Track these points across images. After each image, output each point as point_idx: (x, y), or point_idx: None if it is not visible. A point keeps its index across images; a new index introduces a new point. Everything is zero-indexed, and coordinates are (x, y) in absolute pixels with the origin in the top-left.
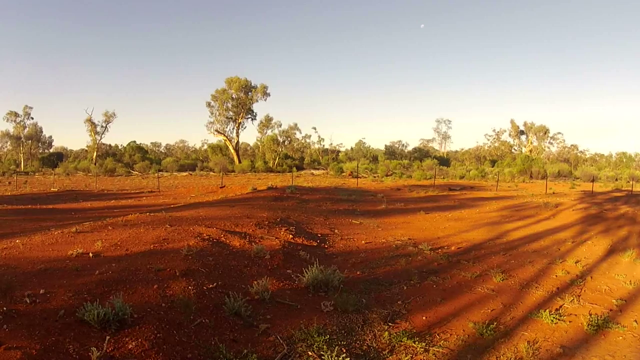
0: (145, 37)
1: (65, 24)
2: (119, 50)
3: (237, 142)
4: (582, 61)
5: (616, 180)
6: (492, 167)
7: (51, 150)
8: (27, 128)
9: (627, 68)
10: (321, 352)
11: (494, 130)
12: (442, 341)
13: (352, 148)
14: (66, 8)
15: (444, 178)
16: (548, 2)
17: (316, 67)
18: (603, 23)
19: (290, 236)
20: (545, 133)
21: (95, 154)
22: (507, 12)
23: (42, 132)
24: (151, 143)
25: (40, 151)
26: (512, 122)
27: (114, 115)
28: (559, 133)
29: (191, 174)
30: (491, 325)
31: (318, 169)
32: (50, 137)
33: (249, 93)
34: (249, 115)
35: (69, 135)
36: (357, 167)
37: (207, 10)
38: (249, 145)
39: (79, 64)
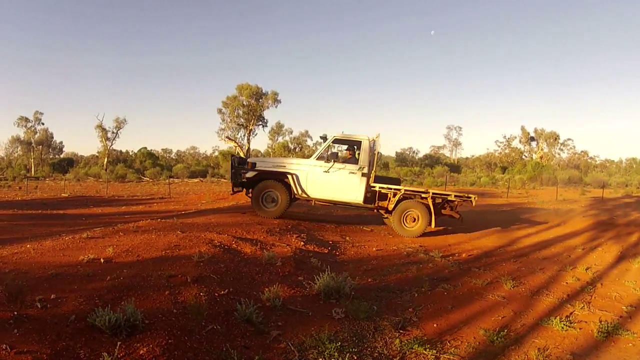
0: (157, 42)
1: (76, 28)
2: (131, 55)
3: (248, 148)
4: (592, 66)
5: (626, 186)
6: (503, 173)
7: (62, 156)
8: (38, 133)
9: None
10: (332, 359)
11: (504, 137)
12: (453, 348)
13: None
14: (77, 12)
15: (454, 185)
16: (559, 9)
17: (327, 74)
18: (613, 30)
19: (302, 243)
20: (555, 139)
21: (106, 159)
22: (517, 18)
23: (52, 137)
24: (162, 149)
25: (51, 156)
26: (522, 128)
27: (125, 121)
28: (569, 139)
29: (202, 181)
30: (502, 333)
31: None
32: (61, 142)
33: (260, 100)
34: (260, 122)
35: (79, 141)
36: None
37: (219, 15)
38: (260, 152)
39: (90, 69)
